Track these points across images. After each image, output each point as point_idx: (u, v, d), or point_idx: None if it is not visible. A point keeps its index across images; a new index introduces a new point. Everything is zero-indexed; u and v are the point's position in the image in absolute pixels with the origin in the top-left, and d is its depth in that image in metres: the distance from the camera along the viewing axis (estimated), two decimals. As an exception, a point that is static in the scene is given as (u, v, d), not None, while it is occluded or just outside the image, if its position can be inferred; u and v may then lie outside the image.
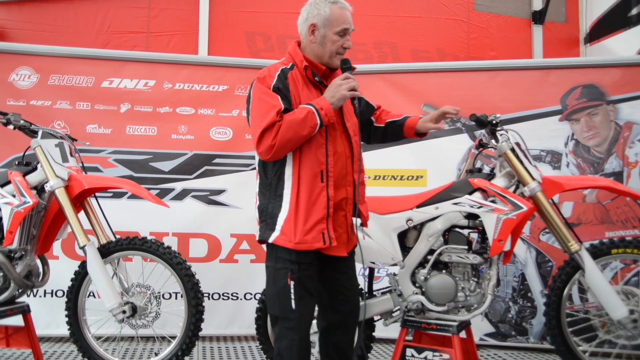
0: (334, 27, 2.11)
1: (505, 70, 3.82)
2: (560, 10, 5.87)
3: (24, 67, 3.72)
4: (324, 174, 2.10)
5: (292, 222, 2.08)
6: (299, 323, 2.13)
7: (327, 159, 2.11)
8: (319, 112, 2.03)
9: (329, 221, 2.11)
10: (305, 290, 2.13)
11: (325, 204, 2.10)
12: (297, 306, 2.11)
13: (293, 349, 2.12)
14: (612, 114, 3.64)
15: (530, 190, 2.55)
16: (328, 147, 2.12)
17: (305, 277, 2.13)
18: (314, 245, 2.09)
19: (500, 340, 3.65)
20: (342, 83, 2.08)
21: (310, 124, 2.02)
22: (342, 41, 2.13)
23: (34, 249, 2.91)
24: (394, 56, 5.62)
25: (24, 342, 2.98)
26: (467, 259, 2.54)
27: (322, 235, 2.09)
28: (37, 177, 2.84)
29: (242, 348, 3.65)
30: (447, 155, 3.77)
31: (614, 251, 2.65)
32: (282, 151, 2.05)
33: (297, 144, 2.06)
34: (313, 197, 2.09)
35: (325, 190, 2.10)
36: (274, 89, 2.08)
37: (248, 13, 5.47)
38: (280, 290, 2.12)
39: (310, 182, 2.09)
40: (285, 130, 2.01)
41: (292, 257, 2.10)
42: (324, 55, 2.15)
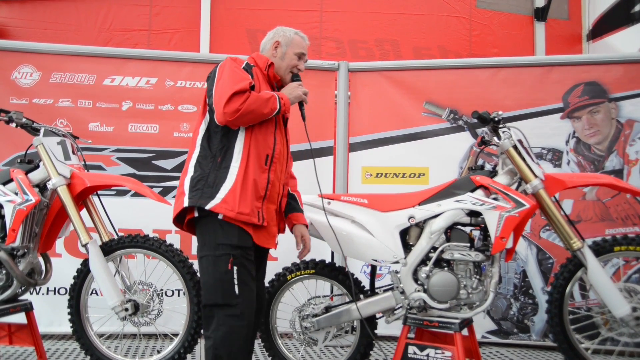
0: (295, 49, 2.45)
1: (507, 68, 3.81)
2: (563, 7, 5.86)
3: (26, 65, 3.73)
4: (269, 158, 2.29)
5: (237, 192, 2.19)
6: (244, 309, 2.16)
7: (274, 145, 2.31)
8: (279, 100, 2.27)
9: (263, 203, 2.27)
10: (248, 274, 2.22)
11: (264, 186, 2.26)
12: (241, 291, 2.15)
13: (234, 336, 2.12)
14: (614, 111, 3.63)
15: (533, 187, 2.55)
16: (276, 136, 2.34)
17: (247, 261, 2.23)
18: (252, 219, 2.21)
19: (503, 338, 3.66)
20: (297, 87, 2.39)
21: (272, 106, 2.24)
22: (298, 62, 2.46)
23: (37, 247, 2.92)
24: (395, 53, 5.62)
25: (26, 339, 2.99)
26: (469, 256, 2.54)
27: (257, 213, 2.23)
28: (40, 175, 2.84)
29: (244, 345, 3.65)
30: (449, 153, 3.77)
31: (617, 248, 2.64)
32: (243, 119, 2.19)
33: (256, 118, 2.23)
34: (256, 176, 2.24)
35: (267, 173, 2.28)
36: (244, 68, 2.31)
37: (249, 10, 5.46)
38: (222, 277, 2.16)
39: (257, 162, 2.25)
40: (252, 101, 2.18)
41: (233, 241, 2.19)
42: (281, 68, 2.44)
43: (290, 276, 2.85)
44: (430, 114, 3.84)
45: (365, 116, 3.92)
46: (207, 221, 2.23)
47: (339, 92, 3.93)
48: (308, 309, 2.79)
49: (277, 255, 3.73)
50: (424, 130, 3.83)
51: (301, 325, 2.79)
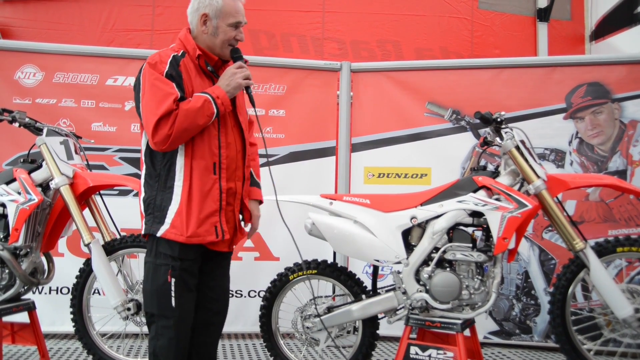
0: (227, 19, 2.09)
1: (510, 68, 3.81)
2: (566, 7, 5.85)
3: (29, 65, 3.73)
4: (216, 166, 2.07)
5: (183, 215, 2.04)
6: (178, 321, 2.07)
7: (219, 150, 2.08)
8: (215, 101, 2.01)
9: (221, 214, 2.09)
10: (186, 287, 2.08)
11: (217, 197, 2.07)
12: (178, 304, 2.06)
13: (171, 349, 2.07)
14: (617, 112, 3.62)
15: (535, 188, 2.54)
16: (220, 138, 2.09)
17: (187, 273, 2.09)
18: (207, 239, 2.06)
19: (505, 339, 3.65)
20: (236, 72, 2.07)
21: (207, 112, 1.99)
22: (235, 33, 2.12)
23: (39, 246, 2.93)
24: (397, 54, 5.62)
25: (29, 338, 3.00)
26: (471, 257, 2.54)
27: (214, 229, 2.07)
28: (42, 175, 2.85)
29: (246, 346, 3.65)
30: (452, 154, 3.76)
31: (620, 249, 2.64)
32: (178, 141, 2.00)
33: (193, 133, 2.02)
34: (205, 190, 2.06)
35: (218, 182, 2.08)
36: (167, 75, 2.03)
37: (252, 11, 5.43)
38: (159, 288, 2.06)
39: (202, 174, 2.05)
40: (182, 119, 1.96)
41: (174, 253, 2.06)
42: (216, 46, 2.12)
43: (292, 276, 2.85)
44: (433, 115, 3.83)
45: (367, 116, 3.92)
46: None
47: (341, 92, 3.93)
48: (310, 309, 2.79)
49: (279, 256, 3.76)
50: (427, 130, 3.83)
51: (303, 326, 2.79)
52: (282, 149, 3.88)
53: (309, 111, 3.94)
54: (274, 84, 3.92)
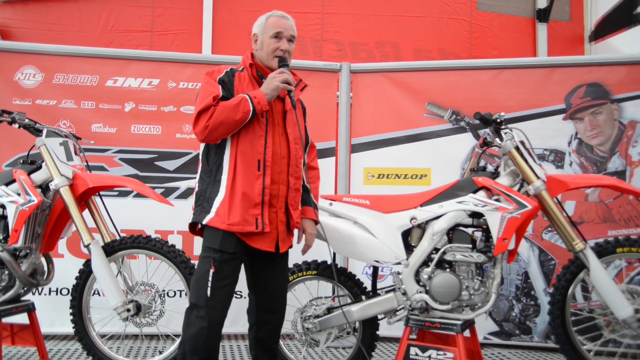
0: (269, 32, 2.35)
1: (510, 69, 3.81)
2: (565, 8, 5.85)
3: (29, 66, 3.74)
4: (260, 163, 2.24)
5: (226, 204, 2.21)
6: (210, 312, 2.20)
7: (265, 149, 2.25)
8: (252, 100, 2.19)
9: (264, 208, 2.23)
10: (222, 280, 2.22)
11: (260, 191, 2.23)
12: (212, 295, 2.20)
13: (200, 338, 2.20)
14: (616, 112, 3.63)
15: (535, 188, 2.55)
16: (267, 139, 2.27)
17: (226, 266, 2.23)
18: (246, 228, 2.20)
19: (504, 339, 3.65)
20: (275, 76, 2.25)
21: (244, 109, 2.18)
22: (278, 44, 2.33)
23: (39, 248, 2.92)
24: (396, 56, 5.62)
25: (29, 340, 2.99)
26: (471, 257, 2.54)
27: (255, 220, 2.21)
28: (42, 176, 2.85)
29: (246, 347, 3.65)
30: (451, 154, 3.77)
31: (619, 250, 2.64)
32: (215, 132, 2.20)
33: (230, 127, 2.20)
34: (248, 183, 2.22)
35: (262, 178, 2.23)
36: (219, 81, 2.28)
37: (252, 12, 5.46)
38: (200, 278, 2.23)
39: (246, 168, 2.23)
40: (219, 113, 2.17)
41: (216, 245, 2.22)
42: (264, 58, 2.35)
43: (292, 277, 2.85)
44: (433, 115, 3.84)
45: (367, 117, 3.92)
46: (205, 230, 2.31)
47: (341, 93, 3.94)
48: (310, 310, 2.79)
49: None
50: (426, 131, 3.83)
51: (303, 326, 2.79)
52: (281, 149, 3.88)
53: (308, 112, 3.91)
54: (274, 85, 3.92)
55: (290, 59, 2.37)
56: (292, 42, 2.38)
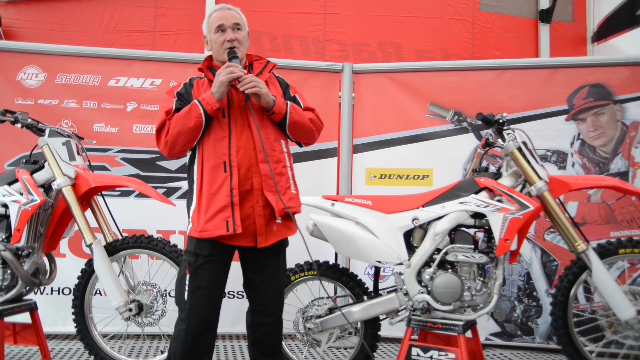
0: (212, 28, 2.33)
1: (512, 70, 3.80)
2: (567, 9, 5.85)
3: (31, 65, 3.74)
4: (226, 164, 2.21)
5: (197, 212, 2.23)
6: (188, 315, 2.22)
7: (229, 150, 2.22)
8: (201, 103, 2.18)
9: (234, 209, 2.19)
10: (199, 283, 2.22)
11: (228, 192, 2.19)
12: (190, 299, 2.22)
13: (179, 339, 2.24)
14: (619, 113, 3.62)
15: (537, 189, 2.54)
16: (231, 139, 2.23)
17: (202, 270, 2.23)
18: (216, 232, 2.18)
19: (506, 340, 3.65)
20: (221, 72, 2.21)
21: (195, 114, 2.17)
22: (223, 36, 2.30)
23: (41, 247, 2.93)
24: (398, 56, 5.62)
25: (31, 339, 3.00)
26: (473, 258, 2.54)
27: (225, 223, 2.17)
28: (45, 176, 2.85)
29: (247, 346, 3.65)
30: (453, 155, 3.76)
31: (622, 251, 2.64)
32: (177, 145, 2.23)
33: (189, 136, 2.21)
34: (215, 187, 2.20)
35: (229, 179, 2.19)
36: (177, 94, 2.32)
37: (253, 12, 5.47)
38: (179, 281, 2.29)
39: (212, 173, 2.21)
40: (174, 125, 2.20)
41: (191, 248, 2.24)
42: (217, 55, 2.35)
43: (293, 277, 2.85)
44: (435, 116, 3.83)
45: (369, 118, 3.92)
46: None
47: (343, 93, 3.94)
48: (311, 310, 2.79)
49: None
50: (428, 131, 3.83)
51: (304, 327, 2.79)
52: (283, 150, 3.88)
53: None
54: (276, 85, 3.92)
55: (242, 46, 2.32)
56: (239, 30, 2.32)
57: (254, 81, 2.21)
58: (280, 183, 2.29)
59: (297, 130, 2.38)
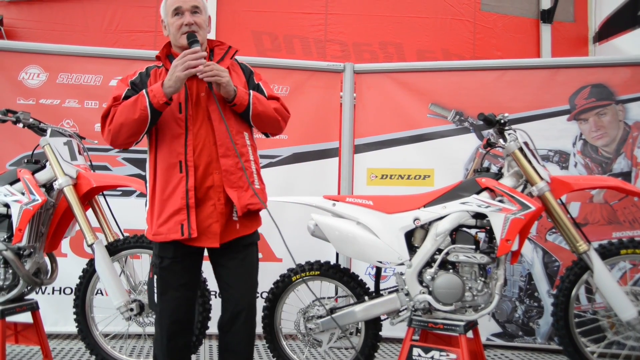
0: (169, 12, 2.15)
1: (514, 70, 3.80)
2: (569, 9, 5.84)
3: (33, 65, 3.75)
4: (182, 165, 2.07)
5: (150, 213, 2.14)
6: (160, 317, 2.17)
7: (185, 149, 2.07)
8: (148, 94, 2.02)
9: (190, 212, 2.06)
10: (167, 285, 2.15)
11: (183, 195, 2.06)
12: (159, 301, 2.16)
13: (157, 341, 2.21)
14: (621, 113, 3.61)
15: (539, 190, 2.54)
16: (188, 137, 2.08)
17: (168, 272, 2.14)
18: (170, 237, 2.06)
19: (507, 341, 3.64)
20: (177, 63, 2.01)
21: (140, 107, 2.02)
22: (181, 19, 2.12)
23: (43, 247, 2.93)
24: (399, 56, 5.62)
25: (32, 338, 3.00)
26: (474, 258, 2.53)
27: (180, 227, 2.05)
28: (46, 175, 2.86)
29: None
30: (455, 155, 3.76)
31: (623, 252, 2.63)
32: (120, 137, 2.08)
33: (133, 128, 2.04)
34: (169, 189, 2.07)
35: (185, 180, 2.06)
36: (130, 83, 2.19)
37: (255, 12, 5.48)
38: (148, 284, 2.24)
39: (166, 173, 2.09)
40: (118, 115, 2.06)
41: (156, 251, 2.17)
42: (174, 40, 2.17)
43: (294, 277, 2.85)
44: (436, 116, 3.83)
45: (370, 118, 3.91)
46: None
47: (344, 93, 3.93)
48: (312, 310, 2.79)
49: (282, 257, 3.76)
50: (430, 131, 3.82)
51: (306, 327, 2.79)
52: (285, 150, 3.89)
53: (312, 112, 3.94)
54: (277, 85, 3.92)
55: (202, 31, 2.15)
56: (198, 13, 2.14)
57: (215, 69, 2.04)
58: (243, 180, 2.14)
59: (261, 121, 2.23)
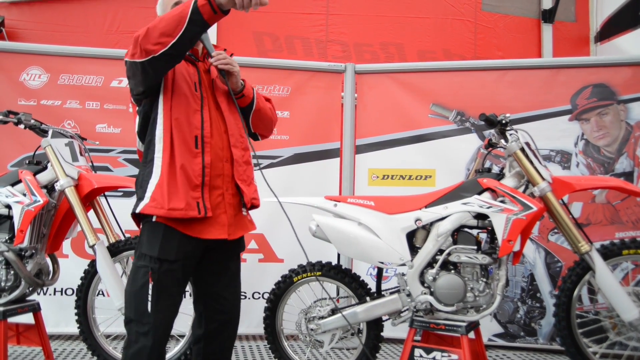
0: (168, 6, 2.09)
1: (515, 70, 3.80)
2: (570, 9, 5.84)
3: (34, 66, 3.75)
4: (198, 140, 1.96)
5: (164, 187, 1.91)
6: (153, 328, 1.94)
7: (202, 124, 1.98)
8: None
9: (204, 190, 1.95)
10: (164, 292, 1.95)
11: (200, 172, 1.94)
12: (154, 310, 1.93)
13: (143, 356, 1.94)
14: (623, 113, 3.61)
15: (540, 190, 2.53)
16: (203, 113, 2.00)
17: (167, 277, 1.95)
18: (189, 213, 1.91)
19: (509, 341, 3.64)
20: None
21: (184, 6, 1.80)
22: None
23: (44, 248, 2.93)
24: (400, 57, 5.62)
25: (34, 339, 3.00)
26: (476, 259, 2.53)
27: (196, 204, 1.92)
28: (48, 176, 2.86)
29: (249, 347, 3.65)
30: (456, 155, 3.76)
31: (625, 252, 2.62)
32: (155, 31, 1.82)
33: (171, 24, 1.81)
34: (186, 162, 1.94)
35: (201, 157, 1.95)
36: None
37: (256, 13, 5.44)
38: (138, 291, 1.96)
39: (183, 146, 1.94)
40: (159, 20, 1.85)
41: (154, 252, 1.94)
42: None
43: (296, 278, 2.84)
44: (437, 116, 3.83)
45: (371, 118, 3.91)
46: (143, 226, 2.03)
47: (345, 94, 3.93)
48: (314, 311, 2.78)
49: (283, 257, 3.76)
50: (431, 132, 3.82)
51: (307, 327, 2.78)
52: (286, 150, 3.89)
53: (313, 113, 3.94)
54: (278, 86, 3.92)
55: None
56: None
57: (227, 58, 2.05)
58: (247, 173, 2.11)
59: (260, 118, 2.21)
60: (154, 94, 2.00)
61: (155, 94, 2.00)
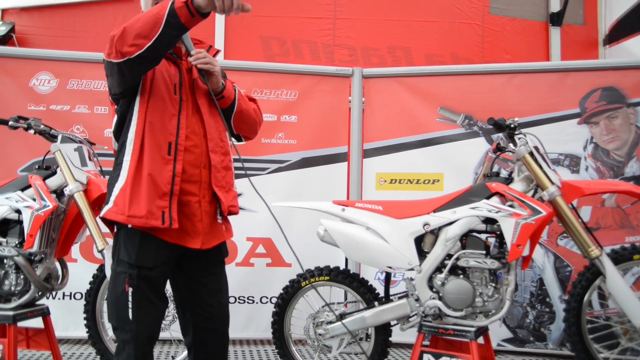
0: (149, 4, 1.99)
1: (523, 73, 3.78)
2: (578, 12, 5.81)
3: (44, 72, 3.78)
4: (172, 146, 1.88)
5: (127, 192, 1.85)
6: (135, 336, 1.89)
7: (177, 131, 1.90)
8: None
9: (172, 200, 1.87)
10: (146, 299, 1.90)
11: (169, 180, 1.86)
12: (135, 317, 1.88)
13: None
14: (633, 116, 3.58)
15: (550, 194, 2.52)
16: (181, 118, 1.92)
17: (147, 283, 1.90)
18: (150, 222, 1.83)
19: (519, 346, 3.61)
20: None
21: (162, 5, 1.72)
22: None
23: (54, 252, 2.94)
24: (407, 60, 5.61)
25: (43, 343, 3.01)
26: (484, 264, 2.51)
27: (161, 214, 1.84)
28: (57, 181, 2.87)
29: (257, 352, 3.65)
30: (464, 159, 3.74)
31: (636, 256, 2.60)
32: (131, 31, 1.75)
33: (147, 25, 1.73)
34: (156, 169, 1.86)
35: (172, 164, 1.87)
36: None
37: (263, 17, 5.49)
38: (118, 298, 1.90)
39: (154, 151, 1.87)
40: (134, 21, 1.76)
41: (131, 259, 1.89)
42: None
43: (304, 283, 2.84)
44: (445, 120, 3.82)
45: (379, 122, 3.91)
46: (118, 232, 1.96)
47: (353, 98, 3.93)
48: (322, 316, 2.78)
49: (291, 262, 3.76)
50: (439, 136, 3.81)
51: (315, 332, 2.78)
52: (294, 154, 3.89)
53: (320, 117, 3.95)
54: (286, 90, 3.93)
55: None
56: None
57: (207, 57, 1.95)
58: (226, 179, 2.04)
59: (242, 120, 2.12)
60: (132, 94, 1.94)
61: (133, 94, 1.94)
